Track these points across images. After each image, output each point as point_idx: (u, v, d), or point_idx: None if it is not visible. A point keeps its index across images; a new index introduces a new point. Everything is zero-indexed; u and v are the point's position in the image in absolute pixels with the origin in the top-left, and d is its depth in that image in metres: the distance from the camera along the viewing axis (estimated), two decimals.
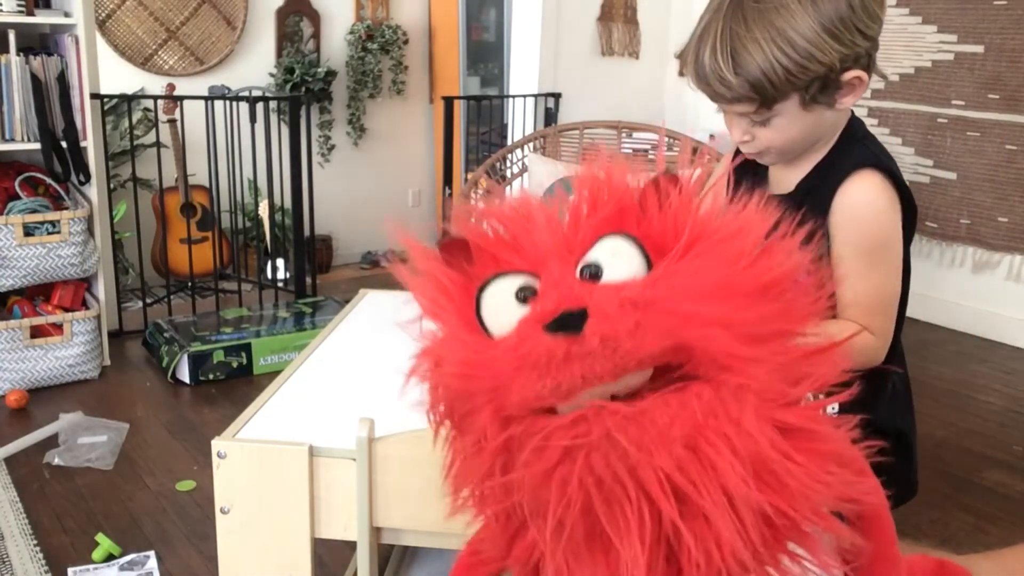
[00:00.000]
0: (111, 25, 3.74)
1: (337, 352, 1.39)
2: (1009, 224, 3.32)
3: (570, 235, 0.63)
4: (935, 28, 3.43)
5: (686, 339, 0.56)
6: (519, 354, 0.56)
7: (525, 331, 0.57)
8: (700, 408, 0.55)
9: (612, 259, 0.59)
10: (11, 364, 2.64)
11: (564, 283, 0.58)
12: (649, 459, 0.54)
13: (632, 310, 0.55)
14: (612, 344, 0.54)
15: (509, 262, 0.63)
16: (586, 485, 0.55)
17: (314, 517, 1.07)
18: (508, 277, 0.62)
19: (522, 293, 0.61)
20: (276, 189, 3.48)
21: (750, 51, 1.05)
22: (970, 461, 2.36)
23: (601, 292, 0.56)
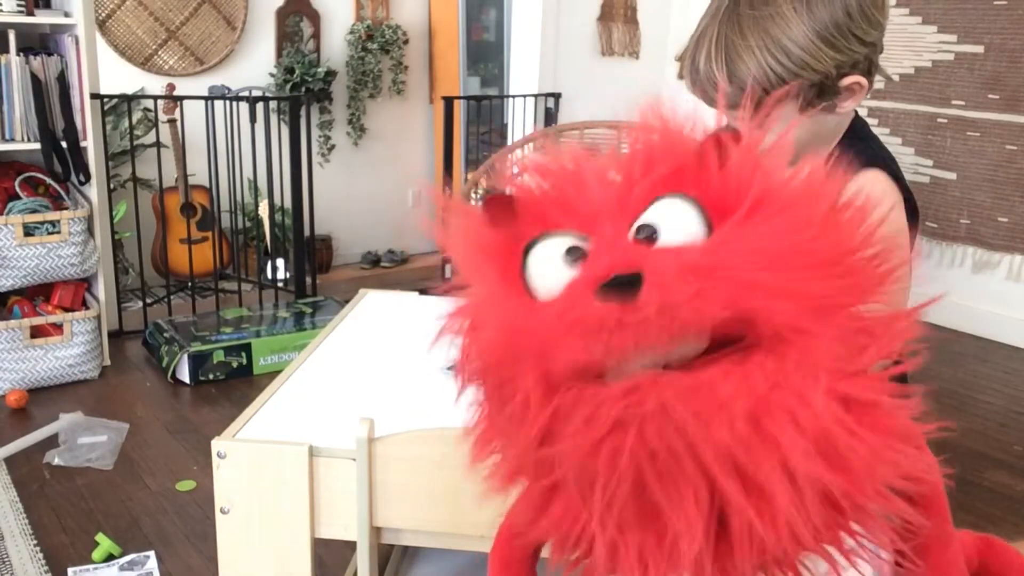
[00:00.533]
0: (111, 25, 3.74)
1: (337, 352, 1.39)
2: (1009, 224, 3.32)
3: (624, 194, 0.58)
4: (935, 28, 3.43)
5: (749, 309, 0.52)
6: (568, 318, 0.53)
7: (575, 294, 0.53)
8: (764, 380, 0.52)
9: (669, 221, 0.55)
10: (11, 364, 2.64)
11: (618, 245, 0.54)
12: (708, 433, 0.51)
13: (692, 276, 0.51)
14: (670, 312, 0.50)
15: (558, 221, 0.59)
16: (638, 458, 0.52)
17: (314, 517, 1.07)
18: (557, 236, 0.57)
19: (572, 254, 0.57)
20: (276, 189, 3.48)
21: (744, 59, 1.05)
22: (970, 461, 2.36)
23: (658, 256, 0.52)
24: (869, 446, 0.53)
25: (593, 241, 0.57)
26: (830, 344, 0.53)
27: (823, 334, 0.53)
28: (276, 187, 3.47)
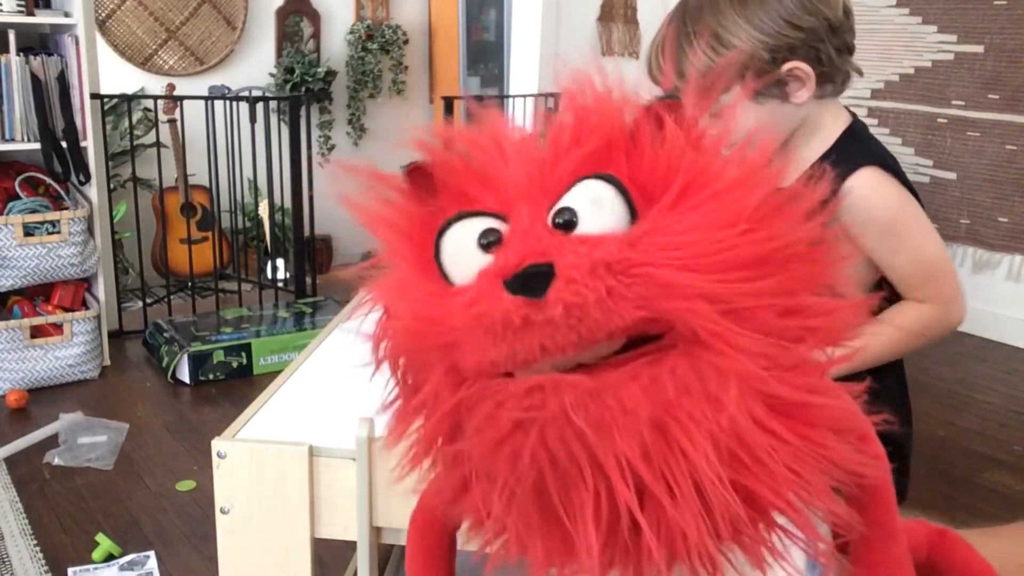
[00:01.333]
0: (111, 25, 3.74)
1: (337, 352, 1.39)
2: (1009, 224, 3.32)
3: (547, 172, 0.55)
4: (935, 28, 3.43)
5: (664, 312, 0.49)
6: (474, 312, 0.50)
7: (483, 286, 0.51)
8: (674, 385, 0.49)
9: (591, 206, 0.51)
10: (11, 364, 2.64)
11: (532, 233, 0.51)
12: (610, 442, 0.48)
13: (604, 274, 0.48)
14: (577, 314, 0.48)
15: (477, 198, 0.56)
16: (539, 461, 0.50)
17: (314, 517, 1.07)
18: (473, 219, 0.55)
19: (485, 238, 0.54)
20: (276, 189, 3.48)
21: (683, 47, 1.14)
22: (970, 461, 2.36)
23: (571, 249, 0.49)
24: (790, 446, 0.50)
25: (510, 226, 0.53)
26: (753, 342, 0.50)
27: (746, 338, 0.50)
28: (276, 187, 3.47)
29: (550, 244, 0.50)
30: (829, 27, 1.12)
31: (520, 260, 0.50)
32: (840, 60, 1.15)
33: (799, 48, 1.11)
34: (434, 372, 0.54)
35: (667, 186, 0.53)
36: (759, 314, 0.50)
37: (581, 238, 0.51)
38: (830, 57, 1.14)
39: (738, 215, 0.51)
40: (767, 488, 0.51)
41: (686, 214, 0.51)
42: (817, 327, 0.53)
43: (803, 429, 0.51)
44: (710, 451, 0.49)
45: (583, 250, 0.49)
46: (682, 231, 0.50)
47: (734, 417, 0.49)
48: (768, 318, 0.51)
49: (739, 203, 0.51)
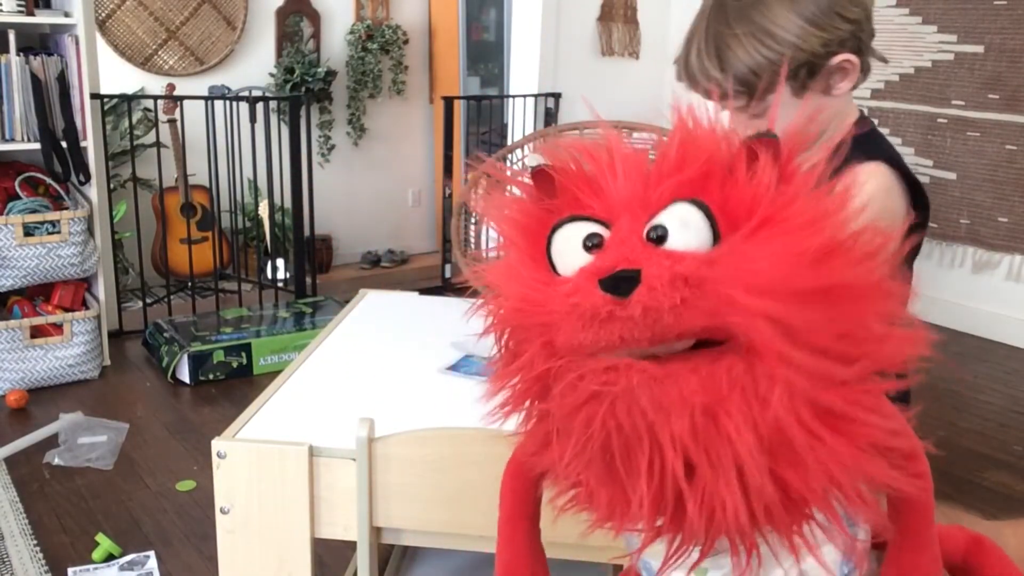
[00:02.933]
0: (111, 25, 3.74)
1: (337, 352, 1.39)
2: (1009, 224, 3.32)
3: (650, 190, 0.63)
4: (935, 28, 3.43)
5: (729, 325, 0.56)
6: (571, 302, 0.59)
7: (581, 281, 0.60)
8: (728, 381, 0.57)
9: (680, 226, 0.59)
10: (11, 364, 2.64)
11: (628, 242, 0.60)
12: (666, 420, 0.57)
13: (681, 285, 0.56)
14: (653, 315, 0.56)
15: (588, 205, 0.65)
16: (608, 427, 0.59)
17: (314, 517, 1.07)
18: (582, 222, 0.64)
19: (590, 240, 0.63)
20: (276, 189, 3.48)
21: (732, 48, 1.10)
22: (970, 461, 2.36)
23: (657, 261, 0.57)
24: (828, 448, 0.57)
25: (611, 232, 0.62)
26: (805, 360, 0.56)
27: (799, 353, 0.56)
28: (276, 187, 3.47)
29: (641, 254, 0.59)
30: (867, 16, 1.13)
31: (614, 264, 0.58)
32: (871, 49, 1.15)
33: (848, 40, 1.11)
34: (532, 345, 0.63)
35: (750, 216, 0.60)
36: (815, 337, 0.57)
37: (668, 252, 0.59)
38: (868, 47, 1.14)
39: (807, 250, 0.57)
40: (801, 480, 0.57)
41: (762, 244, 0.58)
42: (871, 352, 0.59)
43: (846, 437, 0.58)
44: (752, 440, 0.56)
45: (667, 263, 0.57)
46: (755, 258, 0.57)
47: (778, 415, 0.56)
48: (823, 339, 0.57)
49: (811, 238, 0.58)
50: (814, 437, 0.56)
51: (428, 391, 1.25)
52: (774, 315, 0.55)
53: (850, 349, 0.58)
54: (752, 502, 0.57)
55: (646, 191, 0.63)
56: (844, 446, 0.57)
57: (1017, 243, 3.32)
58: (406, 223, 4.82)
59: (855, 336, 0.59)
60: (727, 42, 1.09)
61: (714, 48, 1.10)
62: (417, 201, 4.83)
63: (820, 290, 0.57)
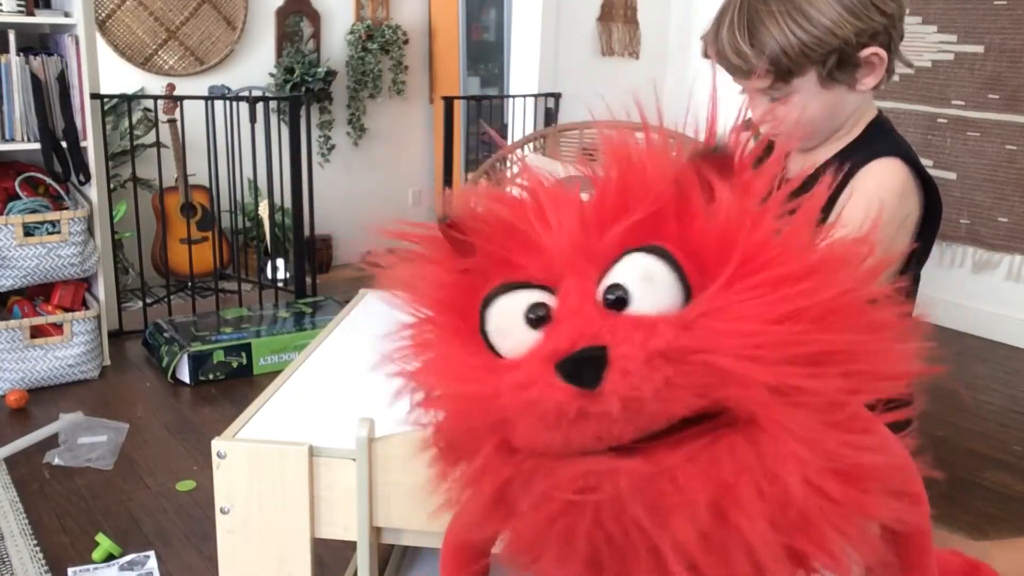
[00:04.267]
0: (111, 25, 3.74)
1: (337, 352, 1.39)
2: (1009, 224, 3.32)
3: (593, 239, 0.52)
4: (935, 28, 3.43)
5: (723, 400, 0.48)
6: (526, 398, 0.49)
7: (534, 370, 0.49)
8: (733, 465, 0.48)
9: (642, 283, 0.49)
10: (11, 364, 2.64)
11: (582, 312, 0.49)
12: (665, 525, 0.48)
13: (661, 364, 0.46)
14: (635, 407, 0.46)
15: (520, 265, 0.54)
16: (594, 540, 0.50)
17: (314, 517, 1.07)
18: (518, 291, 0.53)
19: (534, 312, 0.52)
20: (276, 189, 3.48)
21: (766, 24, 1.08)
22: (970, 461, 2.36)
23: (625, 334, 0.47)
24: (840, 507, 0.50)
25: (558, 300, 0.51)
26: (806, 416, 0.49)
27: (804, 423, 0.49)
28: (276, 187, 3.47)
29: (602, 326, 0.48)
30: (901, 14, 1.13)
31: (571, 344, 0.48)
32: (898, 51, 1.15)
33: (880, 34, 1.10)
34: (484, 447, 0.52)
35: (722, 256, 0.50)
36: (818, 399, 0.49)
37: (634, 320, 0.48)
38: (896, 45, 1.14)
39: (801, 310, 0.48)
40: (816, 547, 0.50)
41: (745, 297, 0.49)
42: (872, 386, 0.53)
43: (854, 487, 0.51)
44: (766, 528, 0.48)
45: (637, 337, 0.47)
46: (741, 316, 0.48)
47: (793, 490, 0.48)
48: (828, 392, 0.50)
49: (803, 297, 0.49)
50: (826, 500, 0.49)
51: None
52: (775, 383, 0.47)
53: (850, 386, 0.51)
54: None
55: (589, 240, 0.52)
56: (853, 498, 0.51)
57: (1017, 243, 3.32)
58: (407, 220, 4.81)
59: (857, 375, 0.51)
60: (761, 18, 1.08)
61: (747, 22, 1.09)
62: (417, 201, 4.83)
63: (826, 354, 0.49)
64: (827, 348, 0.49)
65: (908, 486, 0.60)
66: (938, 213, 1.17)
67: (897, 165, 1.13)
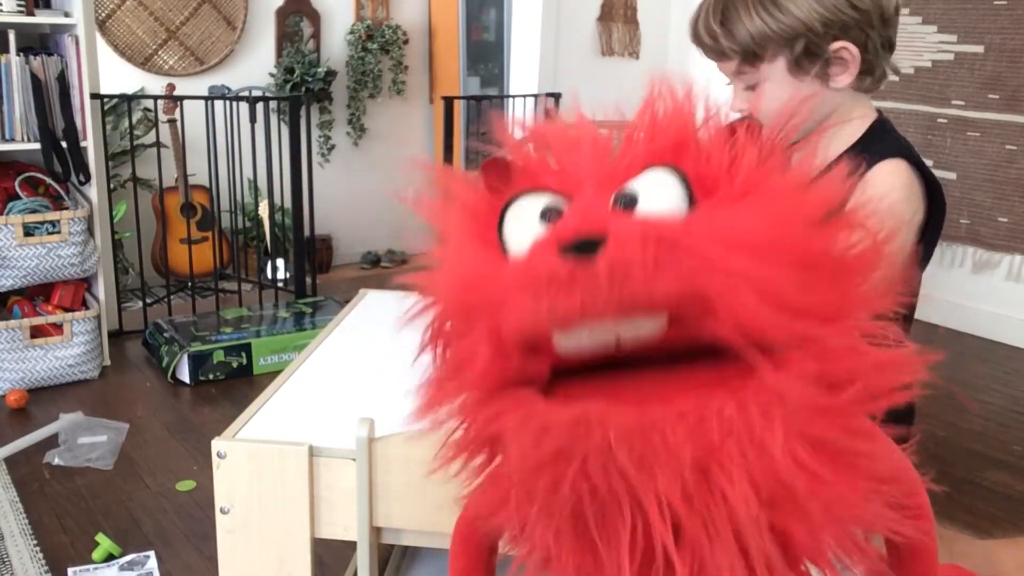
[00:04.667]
0: (111, 25, 3.74)
1: (337, 352, 1.39)
2: (1009, 224, 3.32)
3: (617, 161, 0.57)
4: (935, 28, 3.43)
5: (706, 288, 0.48)
6: (523, 271, 0.50)
7: (538, 250, 0.51)
8: (719, 427, 0.49)
9: (651, 190, 0.53)
10: (11, 364, 2.64)
11: (592, 207, 0.53)
12: (651, 481, 0.49)
13: (653, 243, 0.48)
14: (621, 274, 0.47)
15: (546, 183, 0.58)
16: (579, 490, 0.50)
17: (314, 517, 1.07)
18: (537, 195, 0.56)
19: (548, 213, 0.55)
20: (276, 189, 3.48)
21: (737, 7, 1.12)
22: (970, 461, 2.36)
23: (625, 220, 0.50)
24: (830, 488, 0.51)
25: (572, 202, 0.55)
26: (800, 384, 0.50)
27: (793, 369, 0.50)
28: (276, 187, 3.47)
29: (606, 217, 0.51)
30: (881, 16, 1.13)
31: (576, 229, 0.50)
32: (883, 54, 1.15)
33: (851, 29, 1.11)
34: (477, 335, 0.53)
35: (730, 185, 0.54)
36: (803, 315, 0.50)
37: (636, 215, 0.52)
38: (876, 47, 1.14)
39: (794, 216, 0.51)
40: (804, 531, 0.51)
41: (741, 209, 0.51)
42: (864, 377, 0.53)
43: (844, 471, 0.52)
44: (750, 495, 0.49)
45: (636, 223, 0.50)
46: (735, 222, 0.50)
47: (779, 461, 0.49)
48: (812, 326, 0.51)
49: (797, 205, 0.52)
50: (815, 479, 0.50)
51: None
52: (757, 277, 0.48)
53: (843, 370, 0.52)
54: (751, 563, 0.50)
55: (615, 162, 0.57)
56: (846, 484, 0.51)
57: (1017, 243, 3.32)
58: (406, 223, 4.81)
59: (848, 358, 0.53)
60: (736, 7, 1.12)
61: (720, 8, 1.13)
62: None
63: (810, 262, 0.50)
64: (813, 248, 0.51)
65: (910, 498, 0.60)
66: (942, 214, 1.17)
67: (901, 166, 1.14)
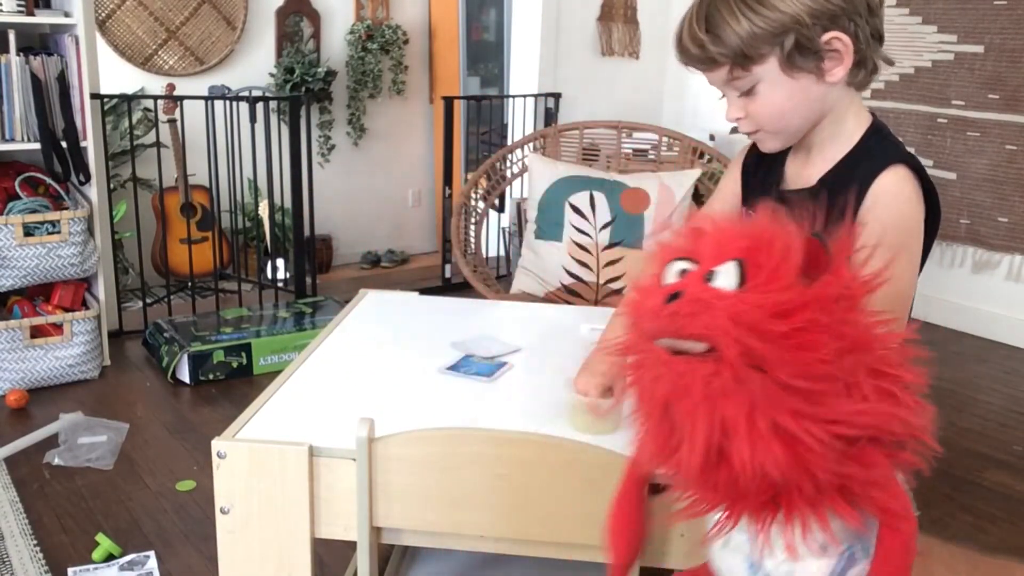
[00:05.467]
0: (111, 25, 3.74)
1: (337, 352, 1.39)
2: (1009, 224, 3.32)
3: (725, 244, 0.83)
4: (935, 28, 3.43)
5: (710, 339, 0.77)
6: (648, 304, 0.82)
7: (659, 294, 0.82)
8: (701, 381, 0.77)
9: (722, 272, 0.81)
10: (11, 364, 2.64)
11: (691, 278, 0.82)
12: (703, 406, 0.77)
13: (695, 305, 0.78)
14: (673, 318, 0.79)
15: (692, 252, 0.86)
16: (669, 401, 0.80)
17: (314, 517, 1.07)
18: (680, 262, 0.85)
19: (681, 273, 0.84)
20: (276, 189, 3.48)
21: (721, 11, 1.10)
22: (970, 461, 2.36)
23: (695, 288, 0.80)
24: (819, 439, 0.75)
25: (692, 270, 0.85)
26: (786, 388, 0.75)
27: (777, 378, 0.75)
28: (276, 187, 3.47)
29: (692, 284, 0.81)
30: (868, 5, 1.12)
31: (676, 289, 0.81)
32: (874, 45, 1.14)
33: (840, 18, 1.09)
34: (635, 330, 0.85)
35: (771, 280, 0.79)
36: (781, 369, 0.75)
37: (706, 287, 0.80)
38: (866, 37, 1.12)
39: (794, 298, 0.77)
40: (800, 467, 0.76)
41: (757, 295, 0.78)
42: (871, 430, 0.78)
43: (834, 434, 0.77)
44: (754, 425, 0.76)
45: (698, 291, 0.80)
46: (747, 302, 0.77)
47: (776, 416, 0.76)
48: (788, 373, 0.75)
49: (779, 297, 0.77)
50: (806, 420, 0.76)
51: (428, 391, 1.25)
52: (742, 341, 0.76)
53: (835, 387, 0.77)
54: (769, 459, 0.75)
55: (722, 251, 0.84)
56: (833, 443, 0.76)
57: (1017, 243, 3.32)
58: (406, 223, 4.82)
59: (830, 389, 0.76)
60: (717, 6, 1.10)
61: (704, 13, 1.11)
62: (417, 201, 4.83)
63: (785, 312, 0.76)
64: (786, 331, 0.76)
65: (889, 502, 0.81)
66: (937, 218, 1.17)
67: (905, 174, 1.13)
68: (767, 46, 1.08)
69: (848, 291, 0.80)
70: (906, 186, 1.13)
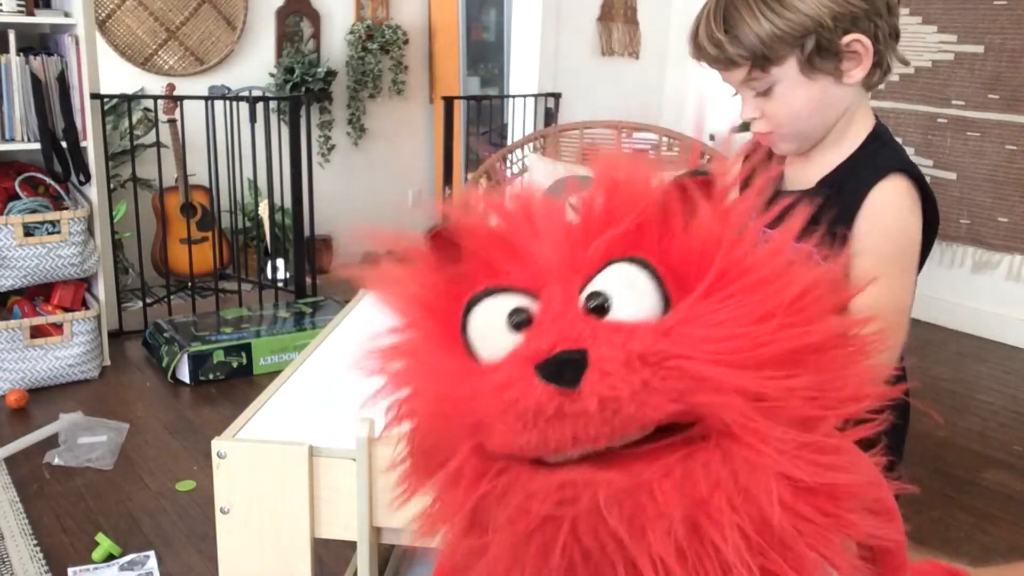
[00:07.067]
0: (111, 25, 3.74)
1: (337, 352, 1.39)
2: (1009, 224, 3.32)
3: (578, 250, 0.54)
4: (935, 28, 3.43)
5: (697, 405, 0.49)
6: (506, 398, 0.50)
7: (515, 370, 0.50)
8: (706, 481, 0.49)
9: (624, 291, 0.51)
10: (11, 364, 2.64)
11: (564, 316, 0.51)
12: (644, 541, 0.49)
13: (639, 367, 0.48)
14: (612, 407, 0.48)
15: (504, 271, 0.56)
16: (571, 554, 0.51)
17: (314, 517, 1.07)
18: (502, 295, 0.54)
19: (516, 317, 0.53)
20: (276, 189, 3.48)
21: (740, 11, 1.07)
22: (970, 461, 2.36)
23: (605, 338, 0.49)
24: (815, 526, 0.51)
25: (540, 305, 0.53)
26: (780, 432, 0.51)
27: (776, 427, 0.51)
28: (276, 187, 3.47)
29: (583, 330, 0.50)
30: (887, 4, 1.10)
31: (552, 345, 0.49)
32: (891, 44, 1.13)
33: (861, 20, 1.07)
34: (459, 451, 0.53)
35: (701, 272, 0.52)
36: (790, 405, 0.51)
37: (614, 325, 0.50)
38: (885, 37, 1.11)
39: (773, 309, 0.50)
40: (794, 568, 0.51)
41: (721, 305, 0.51)
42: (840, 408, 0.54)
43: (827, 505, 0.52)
44: (741, 544, 0.49)
45: (617, 340, 0.49)
46: (717, 323, 0.50)
47: (766, 508, 0.49)
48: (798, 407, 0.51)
49: (775, 297, 0.51)
50: (800, 518, 0.51)
51: None
52: (747, 388, 0.49)
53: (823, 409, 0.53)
54: None
55: (575, 251, 0.54)
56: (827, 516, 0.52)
57: (1017, 243, 3.32)
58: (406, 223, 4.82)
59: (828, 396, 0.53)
60: (736, 5, 1.07)
61: (723, 12, 1.08)
62: (417, 201, 4.83)
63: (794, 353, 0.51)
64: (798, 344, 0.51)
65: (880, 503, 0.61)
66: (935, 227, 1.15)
67: (902, 186, 1.11)
68: (787, 48, 1.06)
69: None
70: (903, 198, 1.11)
